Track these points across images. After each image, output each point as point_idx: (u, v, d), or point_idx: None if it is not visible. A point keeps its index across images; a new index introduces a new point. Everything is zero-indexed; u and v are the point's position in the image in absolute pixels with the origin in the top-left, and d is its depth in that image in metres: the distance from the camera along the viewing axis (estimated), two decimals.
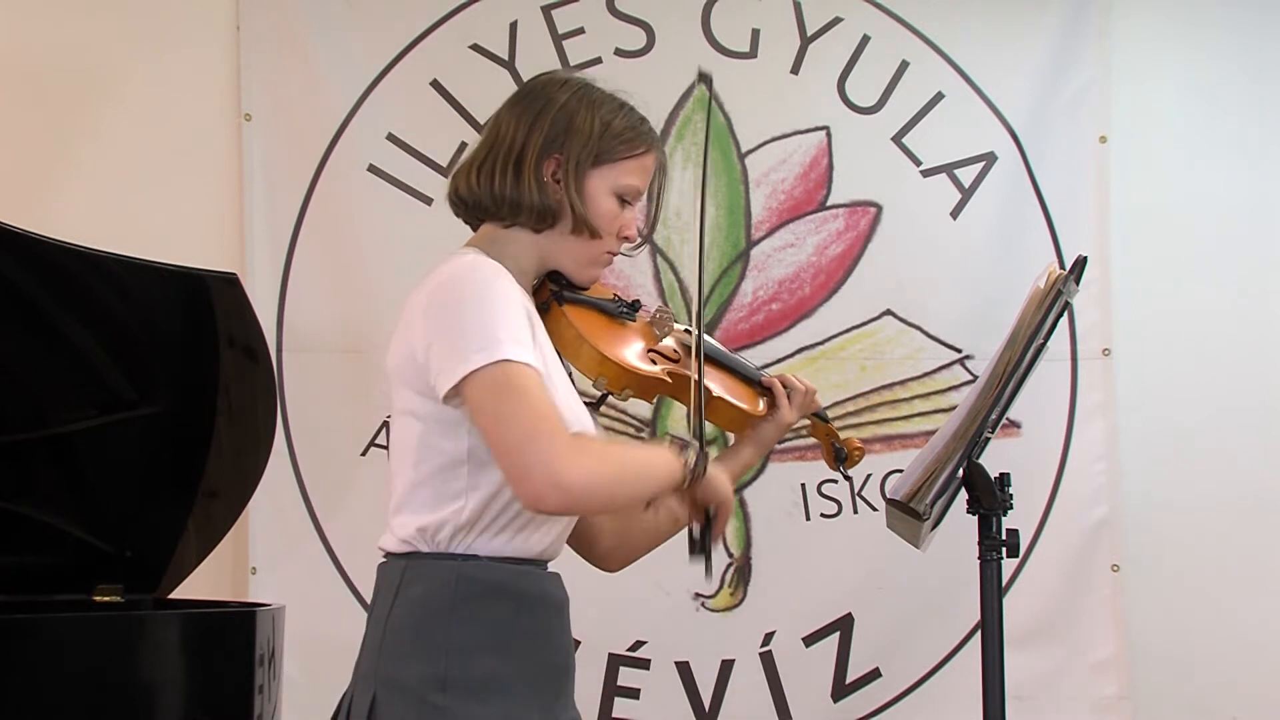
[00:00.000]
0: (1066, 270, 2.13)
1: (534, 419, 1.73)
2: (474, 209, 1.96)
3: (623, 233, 1.97)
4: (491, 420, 1.74)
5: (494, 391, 1.74)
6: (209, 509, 2.83)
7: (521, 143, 1.92)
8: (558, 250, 1.94)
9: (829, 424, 2.28)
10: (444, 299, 1.80)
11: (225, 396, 2.75)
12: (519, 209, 1.91)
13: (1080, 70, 3.79)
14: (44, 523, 2.73)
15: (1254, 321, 3.82)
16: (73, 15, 3.51)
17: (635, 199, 1.97)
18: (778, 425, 2.17)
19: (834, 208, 3.74)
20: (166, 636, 2.60)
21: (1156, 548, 3.73)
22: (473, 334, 1.75)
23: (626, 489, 1.82)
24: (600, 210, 1.93)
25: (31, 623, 2.50)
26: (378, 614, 1.86)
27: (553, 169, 1.91)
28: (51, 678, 2.43)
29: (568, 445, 1.74)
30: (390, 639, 1.83)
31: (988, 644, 2.07)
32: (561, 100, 1.94)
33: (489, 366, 1.73)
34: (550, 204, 1.90)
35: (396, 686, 1.81)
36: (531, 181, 1.90)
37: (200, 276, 2.66)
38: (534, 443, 1.72)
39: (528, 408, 1.73)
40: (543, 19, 3.66)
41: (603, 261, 1.98)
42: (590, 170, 1.92)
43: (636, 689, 3.58)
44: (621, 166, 1.94)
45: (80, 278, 2.61)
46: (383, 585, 1.88)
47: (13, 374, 2.62)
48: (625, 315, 2.06)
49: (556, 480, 1.71)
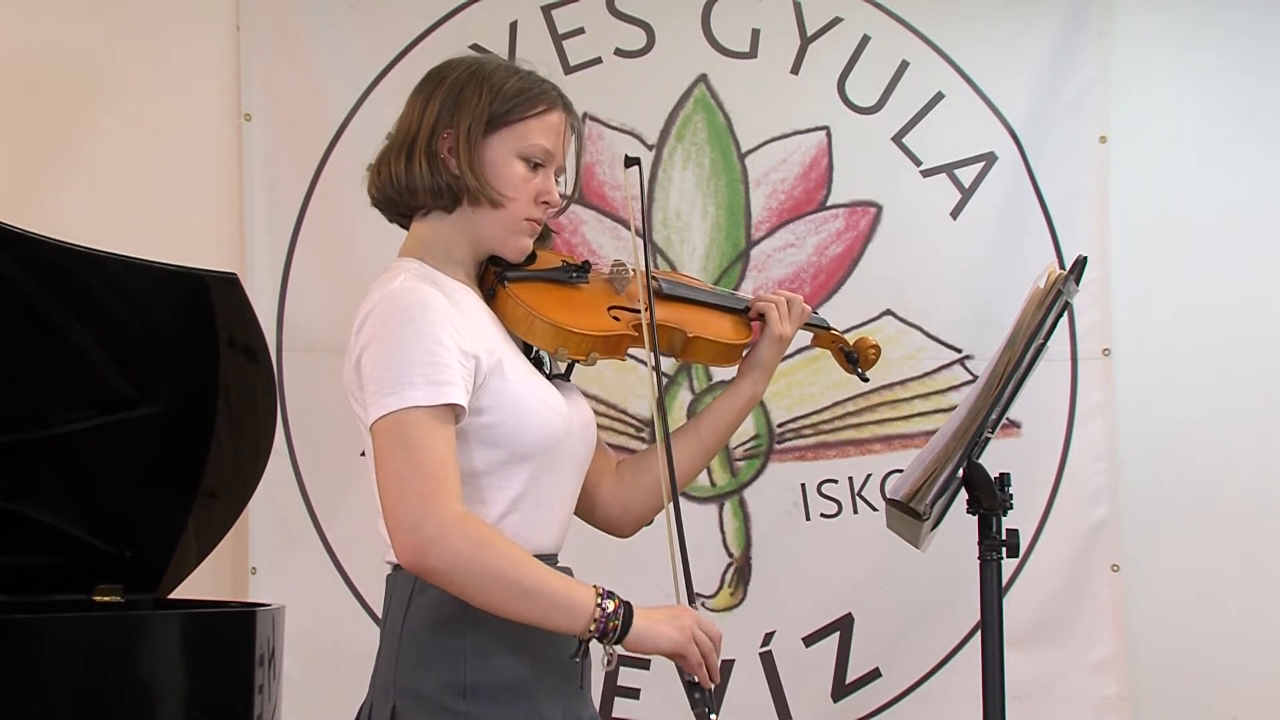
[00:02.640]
0: (1066, 270, 2.13)
1: (418, 477, 1.70)
2: (388, 207, 1.95)
3: (541, 197, 1.92)
4: (379, 469, 1.74)
5: (388, 441, 1.72)
6: (209, 509, 2.83)
7: (416, 127, 1.90)
8: (477, 228, 1.90)
9: (830, 329, 2.23)
10: (370, 330, 1.77)
11: (225, 396, 2.75)
12: (415, 192, 1.89)
13: (1080, 70, 3.79)
14: (44, 523, 2.73)
15: (1254, 321, 3.82)
16: (72, 15, 3.51)
17: (547, 160, 1.92)
18: (774, 342, 2.12)
19: (834, 208, 3.74)
20: (166, 636, 2.60)
21: (1156, 548, 3.73)
22: (386, 378, 1.73)
23: (491, 593, 1.71)
24: (505, 176, 1.89)
25: (31, 623, 2.50)
26: (391, 624, 1.84)
27: (447, 144, 1.88)
28: (51, 678, 2.43)
29: (446, 516, 1.70)
30: (407, 648, 1.81)
31: (988, 644, 2.07)
32: (452, 78, 1.91)
33: (389, 415, 1.72)
34: (445, 181, 1.87)
35: (417, 696, 1.78)
36: (422, 162, 1.87)
37: (200, 276, 2.66)
38: (409, 501, 1.70)
39: (415, 464, 1.70)
40: (543, 19, 3.66)
41: (526, 230, 1.93)
42: (487, 137, 1.88)
43: (636, 689, 3.58)
44: (521, 128, 1.89)
45: (80, 278, 2.61)
46: (395, 594, 1.86)
47: (13, 374, 2.62)
48: (577, 278, 2.01)
49: (418, 546, 1.68)
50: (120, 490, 2.76)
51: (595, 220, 3.65)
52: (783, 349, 2.15)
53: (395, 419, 1.71)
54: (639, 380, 3.58)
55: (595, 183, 3.66)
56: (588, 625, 1.74)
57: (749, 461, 3.69)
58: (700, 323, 2.09)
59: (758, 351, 2.13)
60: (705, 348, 2.07)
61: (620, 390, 3.61)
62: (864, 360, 2.25)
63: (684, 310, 2.09)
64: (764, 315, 2.12)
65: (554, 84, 1.95)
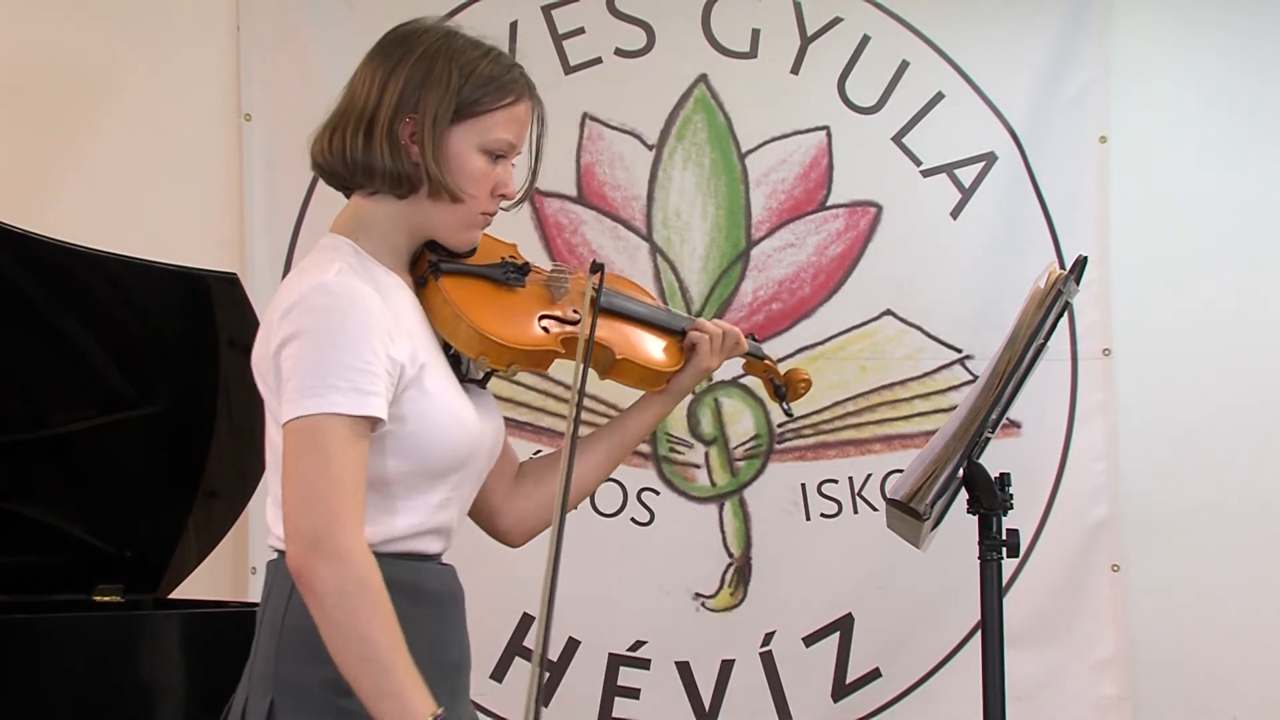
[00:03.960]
0: (1066, 270, 2.13)
1: (328, 491, 1.62)
2: (332, 177, 1.84)
3: (498, 190, 1.81)
4: (289, 471, 1.65)
5: (302, 444, 1.64)
6: (209, 509, 2.83)
7: (375, 102, 1.78)
8: (426, 217, 1.80)
9: (765, 359, 2.17)
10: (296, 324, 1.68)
11: (225, 396, 2.75)
12: (372, 175, 1.78)
13: (1080, 70, 3.79)
14: (44, 523, 2.73)
15: (1254, 321, 3.82)
16: (72, 15, 3.51)
17: (509, 153, 1.81)
18: (697, 373, 2.04)
19: (834, 208, 3.74)
20: (166, 636, 2.60)
21: (1156, 548, 3.73)
22: (309, 374, 1.65)
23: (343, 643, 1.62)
24: (467, 170, 1.78)
25: (31, 623, 2.50)
26: (272, 616, 1.76)
27: (410, 130, 1.77)
28: (51, 678, 2.43)
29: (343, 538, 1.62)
30: (287, 642, 1.73)
31: (988, 644, 2.06)
32: (418, 52, 1.79)
33: (308, 418, 1.64)
34: (405, 169, 1.76)
35: (297, 691, 1.71)
36: (384, 145, 1.76)
37: (200, 276, 2.67)
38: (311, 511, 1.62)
39: (327, 478, 1.63)
40: (543, 19, 3.66)
41: (479, 223, 1.83)
42: (451, 127, 1.77)
43: (636, 689, 3.58)
44: (488, 120, 1.79)
45: (80, 278, 2.61)
46: (275, 584, 1.77)
47: (13, 374, 2.62)
48: (514, 280, 1.88)
49: (306, 558, 1.61)
50: (120, 490, 2.76)
51: (595, 220, 3.65)
52: (703, 379, 2.08)
53: (314, 422, 1.64)
54: None
55: (595, 183, 3.66)
56: None
57: (749, 461, 3.69)
58: (630, 344, 1.99)
59: (680, 377, 2.05)
60: (631, 370, 1.99)
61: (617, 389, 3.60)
62: (792, 392, 2.17)
63: (618, 327, 1.99)
64: (695, 346, 2.04)
65: (520, 67, 1.84)
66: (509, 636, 3.53)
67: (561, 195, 3.64)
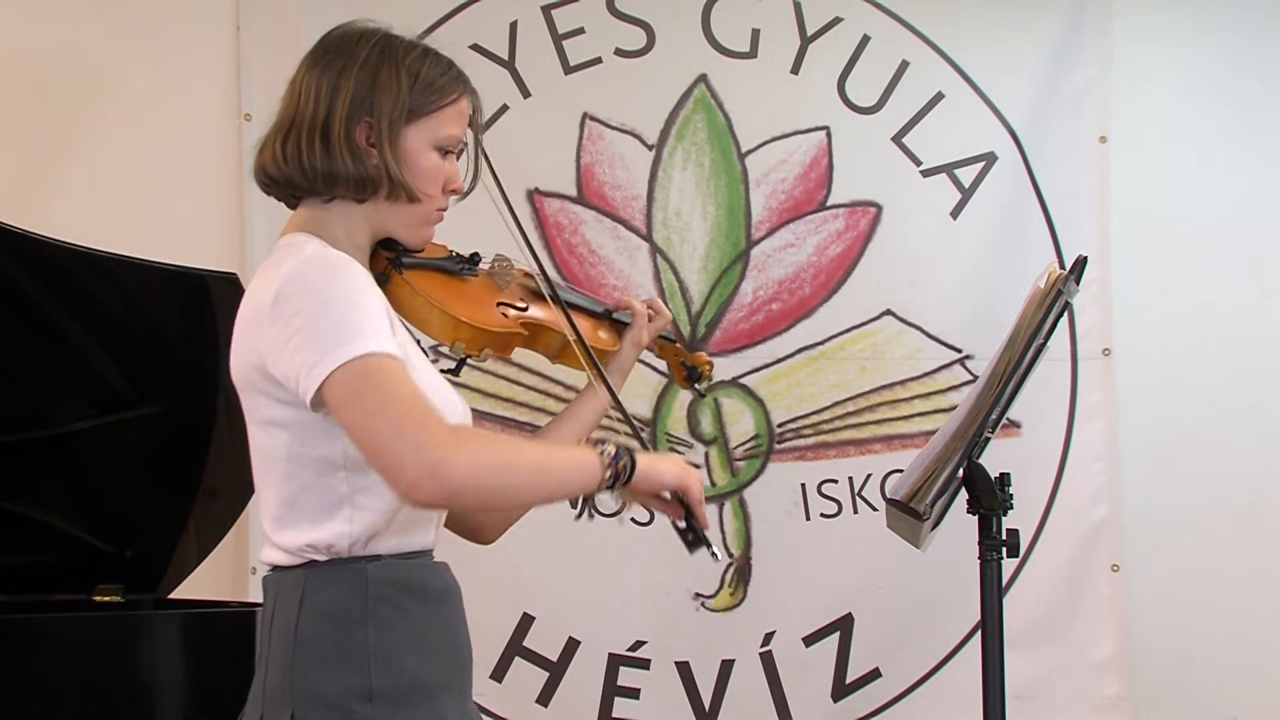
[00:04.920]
0: (1066, 270, 2.14)
1: (399, 410, 1.61)
2: (287, 186, 1.83)
3: (449, 186, 1.85)
4: (356, 417, 1.63)
5: (353, 389, 1.62)
6: (209, 509, 2.83)
7: (326, 109, 1.79)
8: (385, 218, 1.82)
9: (674, 344, 2.24)
10: (293, 297, 1.67)
11: (225, 396, 2.74)
12: (335, 181, 1.78)
13: (1080, 70, 3.79)
14: (44, 523, 2.73)
15: (1254, 321, 3.82)
16: (73, 16, 3.51)
17: (456, 148, 1.85)
18: (634, 347, 2.11)
19: (834, 208, 3.74)
20: (166, 636, 2.60)
21: (1156, 548, 3.73)
22: (327, 333, 1.64)
23: (517, 483, 1.69)
24: (422, 167, 1.81)
25: (31, 623, 2.50)
26: (281, 628, 1.73)
27: (365, 133, 1.78)
28: (51, 677, 2.43)
29: (445, 433, 1.63)
30: (303, 652, 1.71)
31: (988, 644, 2.07)
32: (362, 56, 1.81)
33: (346, 364, 1.62)
34: (368, 172, 1.77)
35: (317, 702, 1.69)
36: (343, 150, 1.77)
37: (200, 276, 2.66)
38: (404, 432, 1.60)
39: (391, 400, 1.62)
40: (543, 19, 3.66)
41: (433, 220, 1.86)
42: (405, 127, 1.79)
43: (636, 689, 3.58)
44: (438, 117, 1.81)
45: (80, 278, 2.61)
46: (282, 597, 1.75)
47: (13, 374, 2.62)
48: (466, 271, 1.95)
49: (434, 469, 1.59)
50: (120, 490, 2.76)
51: (595, 220, 3.65)
52: (639, 352, 2.14)
53: (355, 366, 1.62)
54: (640, 379, 3.57)
55: (595, 183, 3.66)
56: (604, 474, 1.71)
57: (749, 461, 3.69)
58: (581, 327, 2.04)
59: (619, 357, 2.11)
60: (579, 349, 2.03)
61: None
62: (703, 376, 2.25)
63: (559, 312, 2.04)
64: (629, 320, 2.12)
65: (458, 67, 1.88)
66: (509, 636, 3.53)
67: (561, 195, 3.64)
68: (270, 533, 1.76)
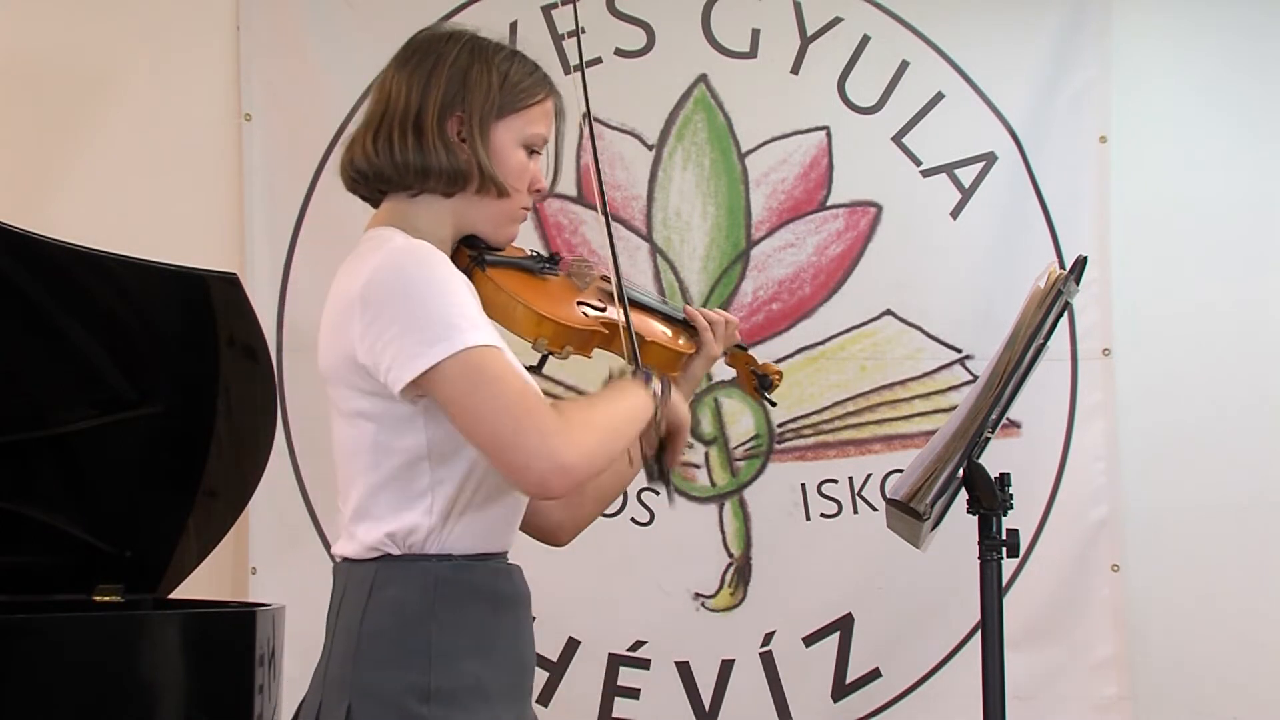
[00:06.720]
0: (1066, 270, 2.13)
1: (518, 405, 1.65)
2: (375, 180, 1.85)
3: (534, 185, 1.88)
4: (471, 414, 1.66)
5: (466, 384, 1.66)
6: (209, 509, 2.83)
7: (418, 104, 1.82)
8: (472, 213, 1.85)
9: (747, 351, 2.26)
10: (386, 288, 1.70)
11: (225, 396, 2.75)
12: (427, 174, 1.81)
13: (1080, 70, 3.79)
14: (44, 523, 2.73)
15: (1254, 321, 3.82)
16: (73, 15, 3.51)
17: (541, 147, 1.89)
18: (705, 359, 2.12)
19: (834, 208, 3.74)
20: (166, 636, 2.60)
21: (1156, 548, 3.73)
22: (427, 324, 1.67)
23: (615, 445, 1.76)
24: (510, 164, 1.84)
25: (31, 623, 2.50)
26: (347, 620, 1.77)
27: (456, 128, 1.82)
28: (51, 677, 2.43)
29: (556, 424, 1.67)
30: (366, 646, 1.74)
31: (988, 644, 2.07)
32: (452, 55, 1.85)
33: (454, 357, 1.65)
34: (460, 165, 1.81)
35: (375, 696, 1.72)
36: (437, 143, 1.80)
37: (200, 276, 2.66)
38: (525, 430, 1.64)
39: (507, 395, 1.65)
40: (543, 19, 3.66)
41: (518, 218, 1.90)
42: (495, 123, 1.83)
43: (636, 689, 3.58)
44: (526, 115, 1.86)
45: (80, 278, 2.60)
46: (351, 589, 1.78)
47: (13, 374, 2.62)
48: (548, 271, 1.97)
49: (559, 462, 1.65)
50: (120, 490, 2.76)
51: (595, 220, 3.65)
52: (710, 366, 2.15)
53: (465, 358, 1.66)
54: None
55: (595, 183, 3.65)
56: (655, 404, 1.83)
57: (749, 461, 3.69)
58: (653, 328, 2.08)
59: (691, 367, 2.12)
60: (658, 353, 2.06)
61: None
62: (773, 385, 2.26)
63: (639, 315, 2.07)
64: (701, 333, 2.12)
65: (543, 69, 1.93)
66: None
67: (562, 195, 3.64)
68: (350, 523, 1.80)
